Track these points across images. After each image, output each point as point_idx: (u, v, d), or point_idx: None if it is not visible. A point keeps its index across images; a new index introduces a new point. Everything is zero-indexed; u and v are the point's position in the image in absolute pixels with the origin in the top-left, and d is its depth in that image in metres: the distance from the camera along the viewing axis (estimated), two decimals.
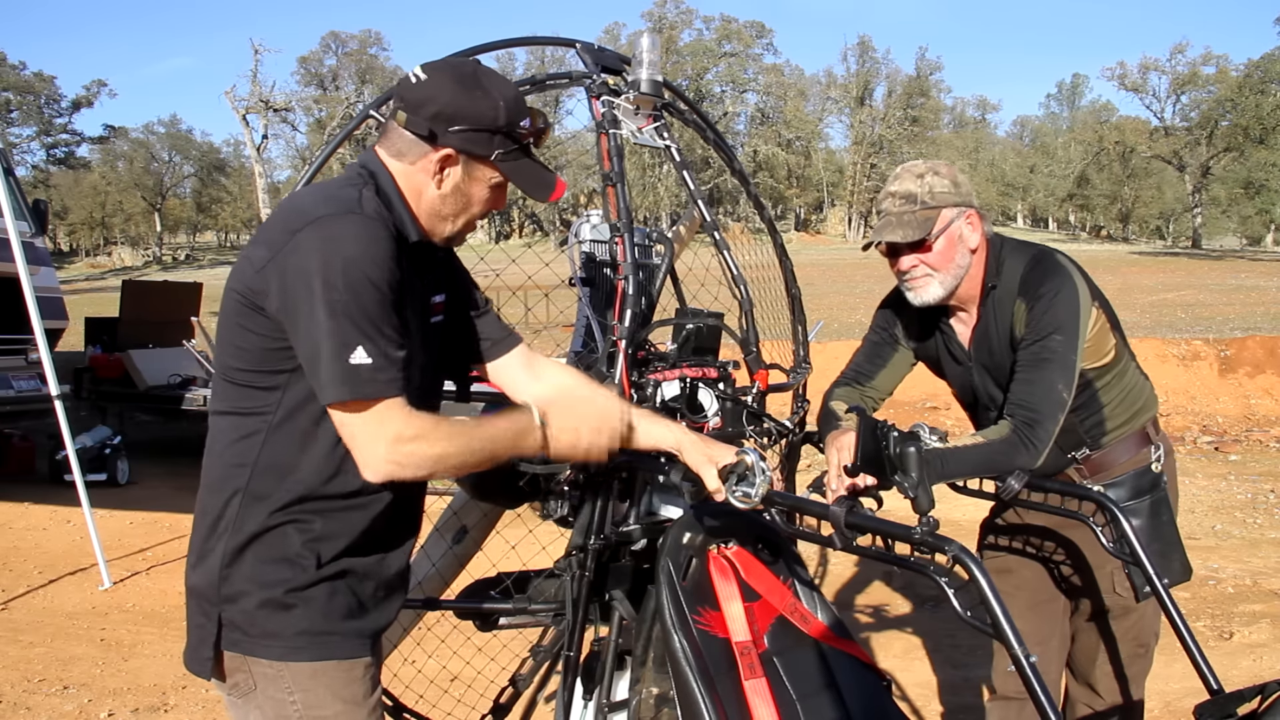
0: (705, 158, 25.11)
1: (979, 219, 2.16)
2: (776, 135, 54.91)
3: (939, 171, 2.14)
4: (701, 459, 1.64)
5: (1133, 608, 2.29)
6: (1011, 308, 2.15)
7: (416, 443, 1.40)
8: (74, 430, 5.50)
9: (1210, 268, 32.13)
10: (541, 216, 53.32)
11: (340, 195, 1.45)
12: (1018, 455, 2.03)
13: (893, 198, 2.15)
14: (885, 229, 2.13)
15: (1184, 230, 54.96)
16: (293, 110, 52.97)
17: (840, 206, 58.37)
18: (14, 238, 5.27)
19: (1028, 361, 2.09)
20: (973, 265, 2.17)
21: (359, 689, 1.53)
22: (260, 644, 1.46)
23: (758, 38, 56.05)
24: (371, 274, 1.37)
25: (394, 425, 1.38)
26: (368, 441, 1.38)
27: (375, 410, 1.37)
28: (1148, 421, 2.34)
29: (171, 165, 56.40)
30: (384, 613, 1.59)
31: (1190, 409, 10.42)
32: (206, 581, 1.48)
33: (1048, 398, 2.05)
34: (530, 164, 1.57)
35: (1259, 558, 5.48)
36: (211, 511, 1.49)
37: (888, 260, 2.21)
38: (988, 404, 2.29)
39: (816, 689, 1.72)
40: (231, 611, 1.45)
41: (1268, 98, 42.47)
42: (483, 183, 1.55)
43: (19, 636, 4.43)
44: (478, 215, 1.57)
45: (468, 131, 1.49)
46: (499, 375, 1.79)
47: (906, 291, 2.20)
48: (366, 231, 1.39)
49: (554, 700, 2.12)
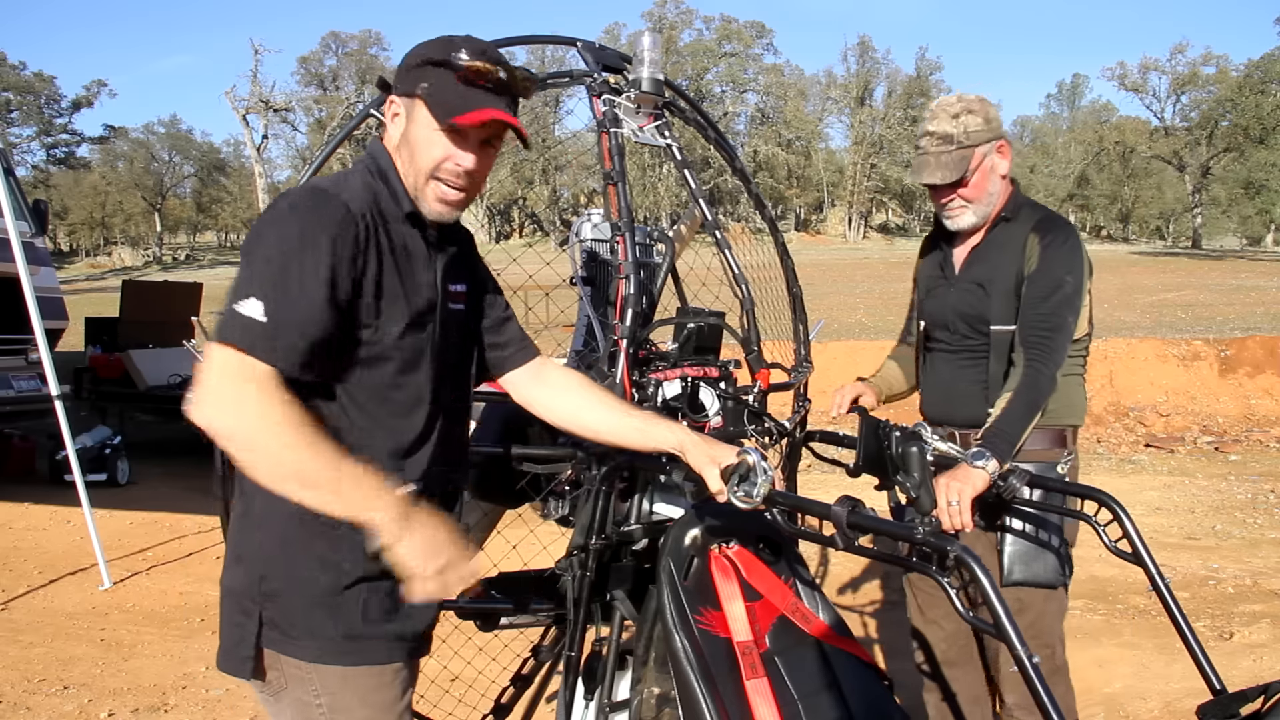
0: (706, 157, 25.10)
1: (1008, 148, 2.35)
2: (776, 135, 54.86)
3: (973, 110, 2.27)
4: (704, 460, 1.64)
5: (1026, 604, 2.27)
6: (1023, 241, 2.27)
7: (238, 408, 1.29)
8: (74, 430, 5.50)
9: (1210, 268, 32.11)
10: (542, 216, 53.30)
11: (334, 179, 1.46)
12: (1043, 381, 2.15)
13: (930, 137, 2.28)
14: (924, 170, 2.28)
15: (1184, 230, 54.95)
16: (293, 110, 53.00)
17: (840, 206, 58.31)
18: (14, 238, 5.26)
19: (1039, 295, 2.21)
20: (1001, 191, 2.33)
21: (388, 694, 1.51)
22: (296, 643, 1.44)
23: (758, 38, 56.02)
24: (306, 245, 1.34)
25: (237, 379, 1.30)
26: (205, 376, 1.31)
27: (234, 357, 1.30)
28: (1069, 427, 2.38)
29: (171, 165, 56.35)
30: (421, 616, 1.56)
31: (1190, 409, 10.41)
32: (245, 580, 1.46)
33: (1059, 327, 2.18)
34: (456, 86, 1.43)
35: (1259, 558, 5.48)
36: (246, 510, 1.48)
37: (929, 192, 2.38)
38: (950, 324, 2.40)
39: (818, 688, 1.72)
40: (272, 610, 1.44)
41: (1268, 98, 42.44)
42: (422, 125, 1.45)
43: (19, 636, 4.42)
44: (426, 169, 1.46)
45: (404, 71, 1.47)
46: (512, 386, 1.78)
47: (945, 219, 2.36)
48: (311, 204, 1.38)
49: (555, 700, 2.11)
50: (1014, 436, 2.10)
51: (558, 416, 1.78)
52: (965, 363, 2.38)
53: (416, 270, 1.50)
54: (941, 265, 2.46)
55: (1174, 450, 8.92)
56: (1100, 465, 8.36)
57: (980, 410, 2.29)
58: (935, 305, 2.46)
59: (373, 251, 1.42)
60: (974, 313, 2.33)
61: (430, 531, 1.36)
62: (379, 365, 1.46)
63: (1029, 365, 2.15)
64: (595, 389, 1.79)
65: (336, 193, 1.41)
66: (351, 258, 1.38)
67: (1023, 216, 2.32)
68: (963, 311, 2.36)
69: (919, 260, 2.60)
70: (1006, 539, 2.26)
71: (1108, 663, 3.94)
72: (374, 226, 1.43)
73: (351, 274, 1.39)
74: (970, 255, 2.38)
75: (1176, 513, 6.59)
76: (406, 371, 1.48)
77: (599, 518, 1.98)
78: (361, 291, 1.41)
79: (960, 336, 2.38)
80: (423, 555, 1.34)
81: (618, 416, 1.74)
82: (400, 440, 1.49)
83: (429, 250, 1.53)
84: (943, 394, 2.44)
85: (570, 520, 2.10)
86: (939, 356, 2.47)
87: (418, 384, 1.50)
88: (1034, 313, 2.20)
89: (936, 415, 2.45)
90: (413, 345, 1.48)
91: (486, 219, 50.83)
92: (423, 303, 1.50)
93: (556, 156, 34.11)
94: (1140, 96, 51.07)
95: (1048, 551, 2.28)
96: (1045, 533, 2.28)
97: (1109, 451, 9.07)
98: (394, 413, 1.48)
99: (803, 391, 2.91)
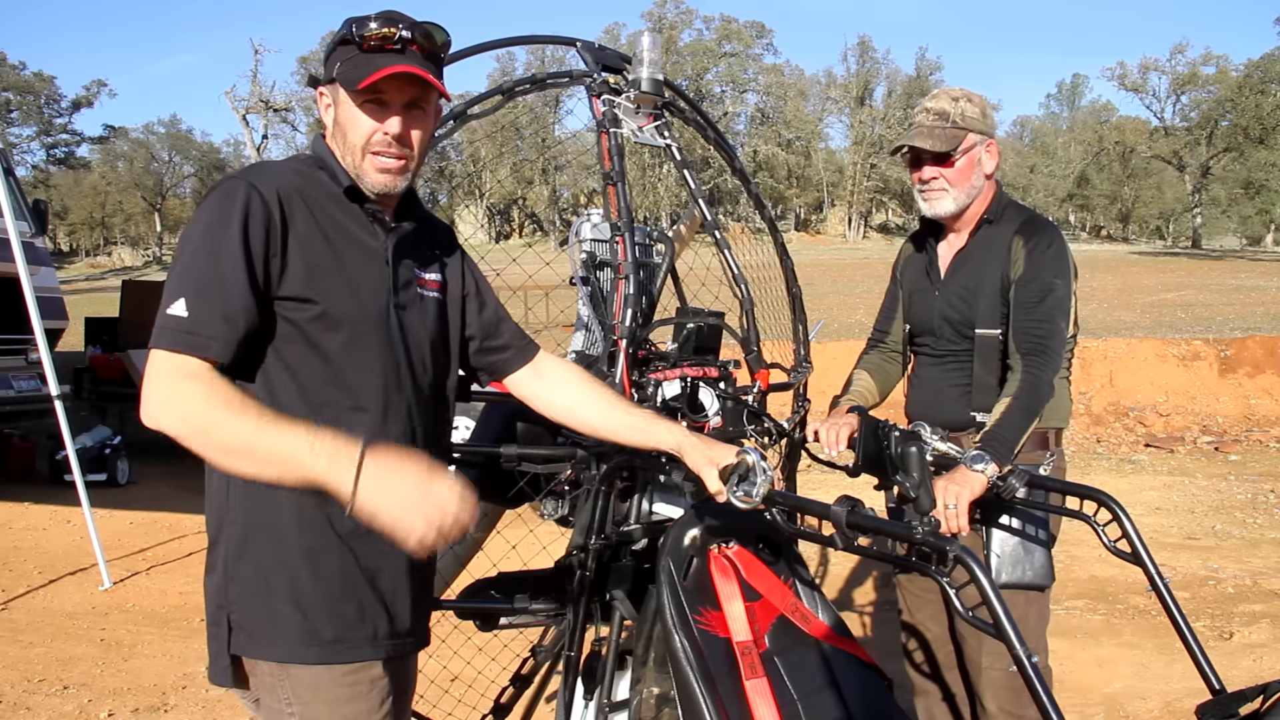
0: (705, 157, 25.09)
1: (997, 149, 2.35)
2: (776, 135, 54.85)
3: (972, 99, 2.32)
4: (703, 461, 1.63)
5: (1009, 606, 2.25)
6: (1008, 244, 2.29)
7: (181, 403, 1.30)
8: (74, 430, 5.50)
9: (1210, 268, 32.11)
10: (542, 216, 53.30)
11: (250, 167, 1.48)
12: (1042, 386, 2.16)
13: (926, 112, 2.32)
14: (915, 135, 2.31)
15: (1184, 230, 54.92)
16: (293, 110, 52.92)
17: (840, 206, 58.32)
18: (14, 238, 5.27)
19: (1030, 300, 2.22)
20: (984, 190, 2.34)
21: (363, 705, 1.44)
22: (262, 645, 1.41)
23: (758, 38, 55.99)
24: (216, 234, 1.35)
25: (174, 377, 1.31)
26: (146, 382, 1.33)
27: (168, 359, 1.32)
28: (1052, 430, 2.38)
29: (171, 165, 56.35)
30: (399, 616, 1.49)
31: (1190, 409, 10.41)
32: (215, 585, 1.45)
33: (1053, 332, 2.20)
34: (361, 56, 1.44)
35: (1259, 558, 5.48)
36: (214, 512, 1.46)
37: (910, 169, 2.38)
38: (937, 329, 2.40)
39: (817, 688, 1.72)
40: (238, 612, 1.42)
41: (1268, 98, 42.43)
42: (347, 105, 1.46)
43: (19, 636, 4.42)
44: (360, 144, 1.46)
45: (325, 62, 1.48)
46: (513, 384, 1.77)
47: (922, 201, 2.37)
48: (219, 194, 1.40)
49: (554, 700, 2.11)
50: (1013, 441, 2.11)
51: (555, 411, 1.77)
52: (950, 367, 2.40)
53: (358, 249, 1.48)
54: (927, 270, 2.45)
55: (1174, 450, 8.92)
56: (1100, 465, 8.36)
57: (964, 413, 2.31)
58: (922, 311, 2.46)
59: (295, 229, 1.41)
60: (960, 318, 2.35)
61: (409, 474, 1.29)
62: (325, 343, 1.42)
63: (1027, 371, 2.16)
64: (594, 384, 1.78)
65: (245, 178, 1.41)
66: (264, 236, 1.38)
67: (1006, 218, 2.33)
68: (949, 317, 2.37)
69: (901, 258, 2.59)
70: (994, 541, 2.25)
71: (1108, 663, 3.94)
72: (294, 206, 1.42)
73: (269, 252, 1.38)
74: (955, 260, 2.39)
75: (1176, 513, 6.59)
76: (357, 349, 1.44)
77: (599, 518, 1.98)
78: (285, 268, 1.40)
79: (945, 341, 2.39)
80: (407, 503, 1.27)
81: (616, 414, 1.73)
82: (359, 422, 1.42)
83: (376, 228, 1.51)
84: (927, 397, 2.45)
85: (570, 520, 2.10)
86: (924, 360, 2.49)
87: (373, 364, 1.46)
88: (1028, 319, 2.21)
89: (921, 418, 2.45)
90: (361, 322, 1.45)
91: (486, 219, 50.84)
92: (367, 280, 1.47)
93: (556, 156, 34.11)
94: (1140, 96, 51.11)
95: (1034, 553, 2.27)
96: (1032, 535, 2.28)
97: (1109, 451, 9.07)
98: (350, 394, 1.44)
99: (802, 391, 2.91)
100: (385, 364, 1.48)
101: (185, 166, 57.02)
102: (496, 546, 2.45)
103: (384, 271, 1.50)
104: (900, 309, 2.57)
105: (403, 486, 1.28)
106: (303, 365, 1.42)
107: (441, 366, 1.61)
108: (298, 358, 1.42)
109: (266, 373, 1.42)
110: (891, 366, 2.61)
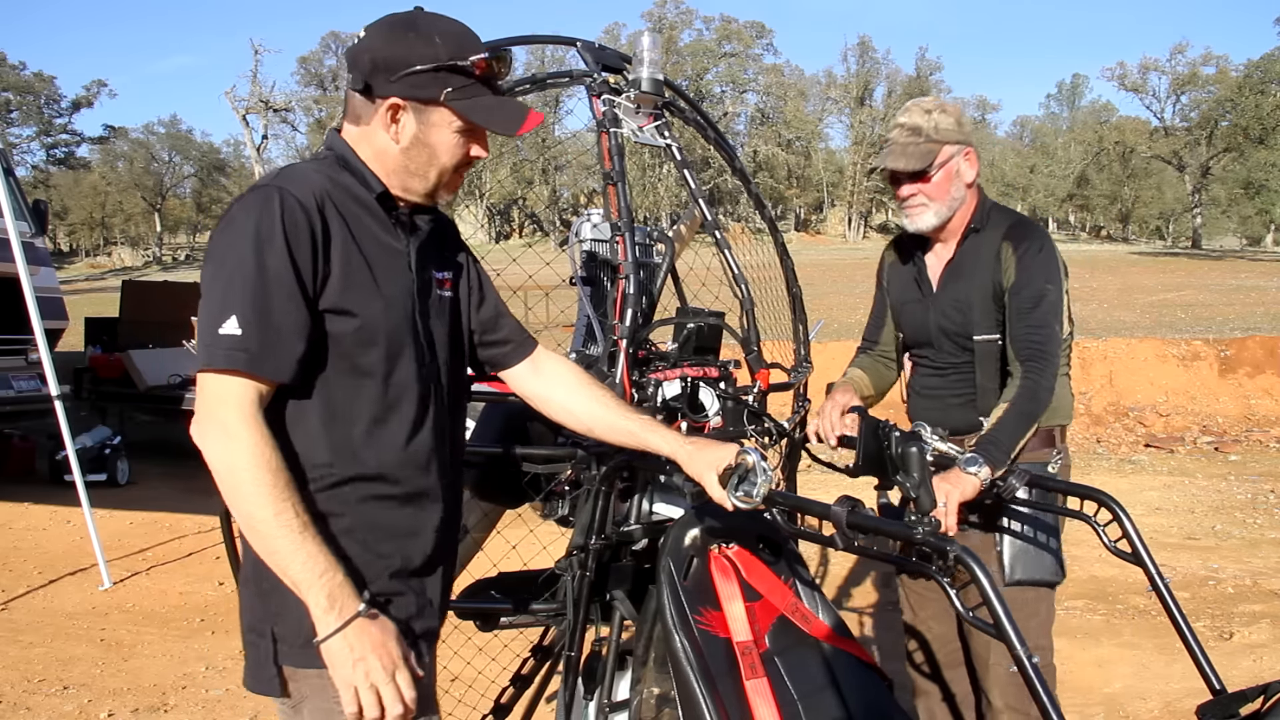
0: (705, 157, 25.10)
1: (975, 157, 2.33)
2: (776, 135, 54.84)
3: (945, 110, 2.30)
4: (702, 467, 1.63)
5: (1021, 604, 2.22)
6: (996, 251, 2.28)
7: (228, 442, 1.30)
8: (74, 430, 5.50)
9: (1210, 268, 32.12)
10: (542, 216, 53.32)
11: (279, 172, 1.44)
12: (1041, 392, 2.17)
13: (900, 129, 2.31)
14: (890, 156, 2.29)
15: (1184, 230, 54.93)
16: (293, 110, 53.04)
17: (840, 206, 58.31)
18: (14, 238, 5.27)
19: (1025, 306, 2.23)
20: (966, 199, 2.33)
21: None
22: (306, 654, 1.41)
23: (758, 38, 55.99)
24: (259, 246, 1.32)
25: (226, 404, 1.30)
26: (199, 403, 1.33)
27: (221, 381, 1.31)
28: (1056, 427, 2.38)
29: (171, 165, 56.31)
30: (430, 613, 1.55)
31: (1190, 409, 10.41)
32: (253, 597, 1.45)
33: (1050, 336, 2.20)
34: (491, 98, 1.47)
35: (1259, 558, 5.48)
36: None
37: (891, 186, 2.37)
38: (935, 342, 2.40)
39: (818, 689, 1.72)
40: (282, 626, 1.42)
41: (1268, 98, 42.41)
42: (443, 128, 1.46)
43: (19, 636, 4.42)
44: (451, 166, 1.49)
45: (408, 76, 1.42)
46: (512, 380, 1.77)
47: (904, 218, 2.36)
48: (258, 203, 1.36)
49: (555, 700, 2.11)
50: (1009, 445, 2.11)
51: (551, 409, 1.77)
52: (953, 378, 2.40)
53: (387, 254, 1.47)
54: (917, 281, 2.44)
55: (1174, 450, 8.92)
56: (1100, 465, 8.36)
57: (972, 418, 2.31)
58: (915, 323, 2.46)
59: (335, 238, 1.40)
60: (958, 329, 2.34)
61: (384, 657, 1.33)
62: (362, 358, 1.42)
63: (1026, 377, 2.17)
64: (592, 385, 1.77)
65: (278, 184, 1.38)
66: (309, 246, 1.36)
67: (992, 224, 2.33)
68: (947, 329, 2.37)
69: (885, 265, 2.58)
70: (1005, 539, 2.27)
71: (1108, 663, 3.94)
72: (329, 212, 1.40)
73: (315, 262, 1.36)
74: (946, 271, 2.38)
75: (1176, 513, 6.59)
76: (391, 359, 1.45)
77: (599, 518, 1.98)
78: (328, 278, 1.38)
79: (946, 354, 2.39)
80: (364, 679, 1.31)
81: (611, 415, 1.73)
82: (394, 435, 1.45)
83: (401, 232, 1.51)
84: (932, 406, 2.44)
85: (570, 520, 2.09)
86: (924, 370, 2.48)
87: (405, 373, 1.46)
88: (1023, 325, 2.21)
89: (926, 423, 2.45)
90: (396, 333, 1.45)
91: (486, 219, 50.83)
92: (396, 289, 1.47)
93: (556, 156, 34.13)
94: (1140, 96, 51.14)
95: (1046, 550, 2.28)
96: (1043, 532, 2.29)
97: (1109, 451, 9.07)
98: (385, 405, 1.45)
99: (802, 392, 2.91)
100: (420, 374, 1.48)
101: (185, 167, 56.99)
102: (496, 546, 2.45)
103: (409, 277, 1.50)
104: (889, 317, 2.57)
105: (370, 663, 1.32)
106: (339, 380, 1.42)
107: (458, 364, 1.62)
108: (335, 372, 1.41)
109: (306, 389, 1.40)
110: (886, 370, 2.61)
